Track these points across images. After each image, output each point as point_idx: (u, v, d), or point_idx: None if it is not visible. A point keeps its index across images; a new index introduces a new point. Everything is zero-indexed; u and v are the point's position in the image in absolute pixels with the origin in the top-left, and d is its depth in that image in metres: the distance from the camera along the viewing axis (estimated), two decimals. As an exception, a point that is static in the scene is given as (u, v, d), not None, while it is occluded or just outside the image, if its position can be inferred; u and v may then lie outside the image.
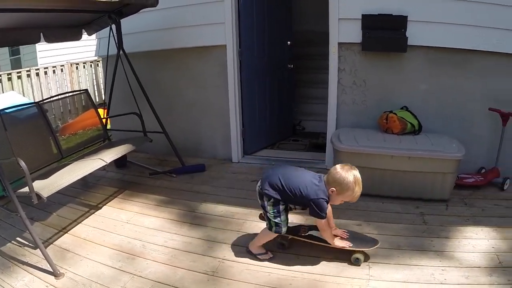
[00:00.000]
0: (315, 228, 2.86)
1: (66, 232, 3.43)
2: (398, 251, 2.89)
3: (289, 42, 5.25)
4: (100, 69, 9.15)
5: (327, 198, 2.55)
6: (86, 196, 4.15)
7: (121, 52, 4.52)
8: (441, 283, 2.67)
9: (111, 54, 4.60)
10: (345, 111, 4.42)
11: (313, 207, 2.54)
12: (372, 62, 4.28)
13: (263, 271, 2.80)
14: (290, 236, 2.90)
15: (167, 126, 4.66)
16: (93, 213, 3.78)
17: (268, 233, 2.75)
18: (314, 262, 2.87)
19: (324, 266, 2.83)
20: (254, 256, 2.85)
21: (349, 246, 2.75)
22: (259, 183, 2.70)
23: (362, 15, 4.17)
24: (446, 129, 4.22)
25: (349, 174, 2.53)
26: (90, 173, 3.61)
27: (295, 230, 2.90)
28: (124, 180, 4.55)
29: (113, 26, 4.41)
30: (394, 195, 3.80)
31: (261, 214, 2.97)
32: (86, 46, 9.66)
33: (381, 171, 3.69)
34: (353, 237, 2.88)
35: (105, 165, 3.67)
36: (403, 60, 4.24)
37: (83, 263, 2.98)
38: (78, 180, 3.47)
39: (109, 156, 3.80)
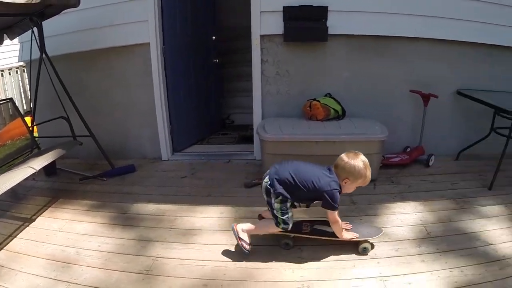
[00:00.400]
0: (317, 223, 2.93)
1: (1, 249, 3.34)
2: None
3: (214, 37, 5.29)
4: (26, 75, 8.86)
5: (339, 189, 2.57)
6: (17, 208, 4.05)
7: (44, 55, 4.41)
8: (372, 258, 2.83)
9: (35, 58, 4.51)
10: (270, 102, 4.54)
11: (327, 198, 2.54)
12: (294, 53, 4.43)
13: (197, 264, 2.85)
14: (293, 235, 2.87)
15: (94, 129, 4.62)
16: (26, 225, 3.68)
17: (273, 228, 2.73)
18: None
19: (256, 254, 2.90)
20: (237, 239, 2.77)
21: (356, 237, 2.78)
22: (266, 179, 2.64)
23: (284, 7, 4.30)
24: (371, 113, 4.42)
25: (358, 161, 2.57)
26: (19, 184, 3.52)
27: (298, 227, 2.87)
28: (54, 188, 4.47)
29: (35, 29, 4.29)
30: None
31: (260, 215, 3.04)
32: (11, 52, 9.24)
33: (307, 157, 3.77)
34: (357, 227, 2.93)
35: (35, 173, 3.58)
36: (325, 49, 4.41)
37: (18, 278, 2.90)
38: (8, 192, 3.38)
39: (38, 163, 3.71)
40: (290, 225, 2.67)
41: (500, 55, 4.90)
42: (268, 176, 2.63)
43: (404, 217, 3.28)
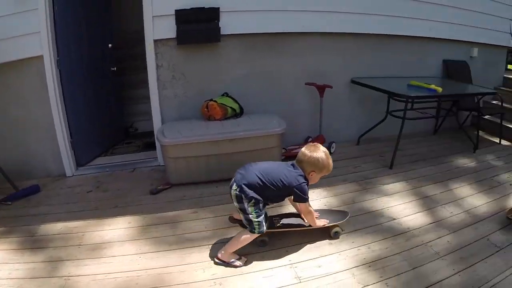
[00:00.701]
0: (285, 216, 3.09)
1: None
2: (235, 228, 3.08)
3: (110, 45, 5.24)
4: None
5: (307, 181, 2.68)
6: None
7: None
8: (281, 247, 2.94)
9: None
10: (169, 106, 4.58)
11: (298, 192, 2.65)
12: (189, 55, 4.50)
13: (109, 278, 2.84)
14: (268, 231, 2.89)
15: (-7, 151, 4.42)
16: None
17: (247, 237, 2.74)
18: (157, 257, 2.99)
19: (167, 258, 2.95)
20: (227, 265, 2.78)
21: (327, 223, 2.97)
22: (234, 187, 2.66)
23: (176, 10, 4.34)
24: (270, 108, 4.62)
25: (320, 153, 2.70)
26: None
27: (270, 223, 2.92)
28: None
29: None
30: (226, 178, 3.90)
31: (231, 217, 3.12)
32: None
33: (208, 157, 3.90)
34: (325, 214, 3.14)
35: None
36: (220, 49, 4.53)
37: None
38: None
39: None
40: (265, 227, 2.71)
41: (389, 44, 5.37)
42: (235, 184, 2.66)
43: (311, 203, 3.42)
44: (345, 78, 5.12)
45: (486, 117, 6.30)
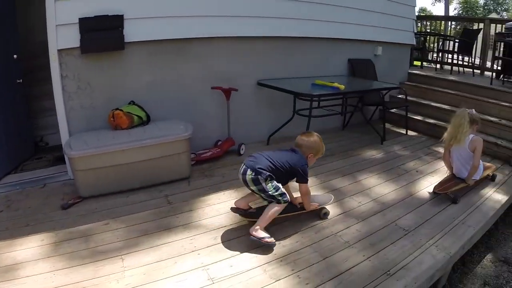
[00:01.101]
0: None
1: None
2: (147, 236, 3.12)
3: (15, 56, 5.09)
4: None
5: (307, 164, 3.12)
6: None
7: None
8: (192, 251, 3.01)
9: None
10: (76, 118, 4.49)
11: (301, 173, 3.07)
12: (94, 64, 4.45)
13: None
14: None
15: None
16: None
17: (277, 209, 3.00)
18: (71, 272, 2.93)
19: (80, 273, 2.90)
20: (261, 241, 2.94)
21: (318, 206, 3.42)
22: (249, 172, 2.97)
23: (79, 19, 4.27)
24: (178, 114, 4.66)
25: (314, 137, 3.24)
26: None
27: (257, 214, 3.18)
28: None
29: None
30: (137, 186, 4.04)
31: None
32: None
33: (117, 167, 3.91)
34: (313, 198, 3.47)
35: None
36: (124, 57, 4.50)
37: None
38: None
39: None
40: (288, 196, 3.06)
41: (296, 45, 5.63)
42: (249, 170, 2.96)
43: (220, 206, 3.54)
44: (252, 80, 5.28)
45: (393, 110, 6.75)
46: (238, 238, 3.15)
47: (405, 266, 2.79)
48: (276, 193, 2.97)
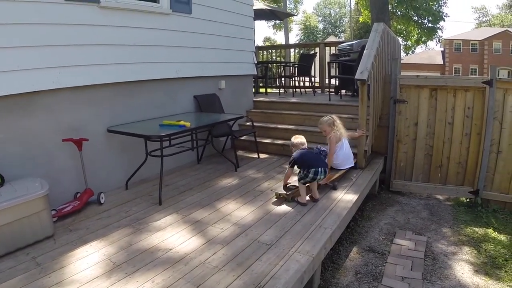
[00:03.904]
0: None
1: None
2: None
3: None
4: None
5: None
6: None
7: None
8: None
9: None
10: None
11: None
12: None
13: None
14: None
15: None
16: None
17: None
18: None
19: None
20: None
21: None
22: (322, 169, 4.89)
23: None
24: (32, 171, 4.77)
25: (293, 138, 5.34)
26: None
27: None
28: None
29: None
30: (3, 253, 3.98)
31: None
32: None
33: None
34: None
35: None
36: None
37: None
38: None
39: None
40: None
41: (141, 88, 6.13)
42: (322, 168, 4.90)
43: (89, 259, 3.61)
44: (102, 128, 5.52)
45: (243, 137, 7.53)
46: (112, 286, 3.18)
47: (274, 276, 3.18)
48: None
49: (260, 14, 12.24)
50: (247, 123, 7.90)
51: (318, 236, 3.90)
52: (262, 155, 7.19)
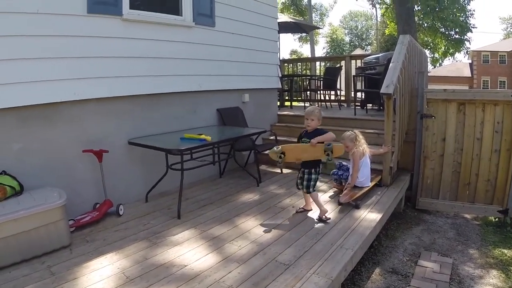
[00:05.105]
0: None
1: None
2: None
3: None
4: None
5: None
6: None
7: None
8: None
9: None
10: None
11: None
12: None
13: None
14: None
15: None
16: None
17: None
18: None
19: None
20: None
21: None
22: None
23: None
24: (51, 181, 4.85)
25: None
26: None
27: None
28: None
29: None
30: (19, 260, 4.08)
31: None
32: None
33: None
34: None
35: None
36: None
37: None
38: None
39: None
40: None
41: (164, 101, 6.21)
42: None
43: (103, 271, 3.63)
44: (123, 140, 5.60)
45: (267, 152, 7.52)
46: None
47: (289, 297, 3.03)
48: None
49: (285, 27, 12.30)
50: (271, 137, 8.07)
51: (339, 257, 3.77)
52: (285, 170, 7.12)
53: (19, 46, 4.56)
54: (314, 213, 4.95)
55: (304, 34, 39.50)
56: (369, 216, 4.85)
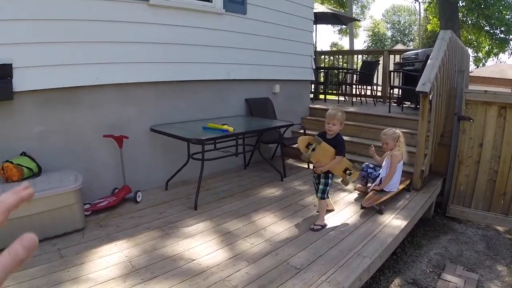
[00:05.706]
0: None
1: None
2: None
3: None
4: None
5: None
6: None
7: None
8: None
9: None
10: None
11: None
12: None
13: None
14: None
15: None
16: None
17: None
18: None
19: None
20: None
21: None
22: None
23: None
24: (70, 164, 4.88)
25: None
26: None
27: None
28: None
29: None
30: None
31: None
32: None
33: (7, 221, 4.02)
34: None
35: None
36: (14, 107, 4.62)
37: None
38: None
39: None
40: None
41: (190, 88, 6.15)
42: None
43: (111, 258, 3.60)
44: (145, 126, 5.59)
45: (295, 146, 7.39)
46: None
47: (295, 305, 2.88)
48: None
49: (322, 18, 12.07)
50: (301, 131, 7.67)
51: (355, 265, 3.50)
52: (311, 166, 6.88)
53: (45, 30, 4.58)
54: (335, 215, 4.75)
55: (344, 27, 38.81)
56: (394, 223, 4.53)
